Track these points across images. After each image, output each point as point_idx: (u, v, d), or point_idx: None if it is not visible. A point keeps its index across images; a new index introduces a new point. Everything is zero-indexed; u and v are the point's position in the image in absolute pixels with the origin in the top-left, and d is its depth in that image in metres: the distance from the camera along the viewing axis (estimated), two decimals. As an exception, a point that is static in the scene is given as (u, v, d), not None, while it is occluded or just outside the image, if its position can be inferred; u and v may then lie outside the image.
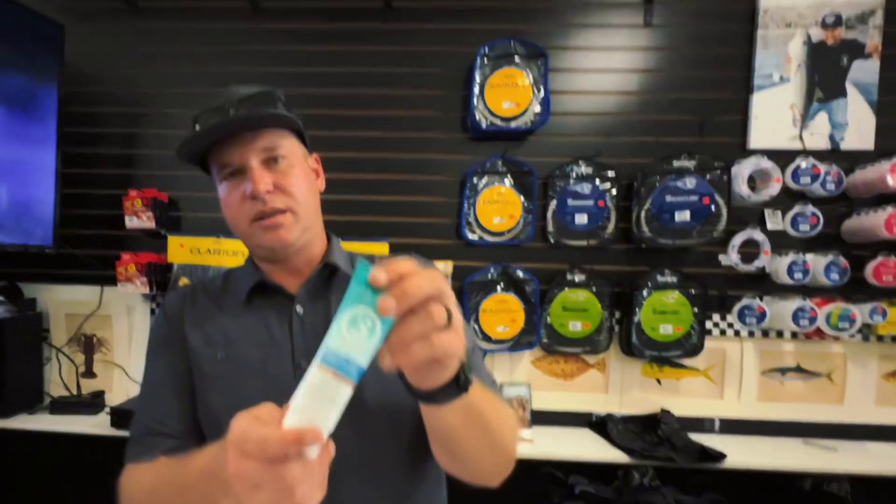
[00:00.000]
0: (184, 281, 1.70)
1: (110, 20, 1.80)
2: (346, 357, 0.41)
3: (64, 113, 1.68)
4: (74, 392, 1.75)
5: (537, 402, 1.74)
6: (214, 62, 1.78)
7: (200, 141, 0.70)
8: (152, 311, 1.81)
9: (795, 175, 1.59)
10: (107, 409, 1.68)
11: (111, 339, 1.81)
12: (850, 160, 1.66)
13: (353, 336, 0.41)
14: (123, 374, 1.79)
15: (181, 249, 1.68)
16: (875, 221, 1.56)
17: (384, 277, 0.42)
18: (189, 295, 0.80)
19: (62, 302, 1.81)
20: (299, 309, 0.75)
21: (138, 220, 1.67)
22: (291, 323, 0.74)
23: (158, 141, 1.80)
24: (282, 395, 0.67)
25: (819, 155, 1.64)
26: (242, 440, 0.41)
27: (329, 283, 0.78)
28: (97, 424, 1.57)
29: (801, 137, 1.68)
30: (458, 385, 0.50)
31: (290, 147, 0.73)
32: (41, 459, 1.79)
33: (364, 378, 0.67)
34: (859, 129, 1.67)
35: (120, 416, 1.52)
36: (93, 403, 1.68)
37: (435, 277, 0.43)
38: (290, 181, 0.71)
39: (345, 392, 0.42)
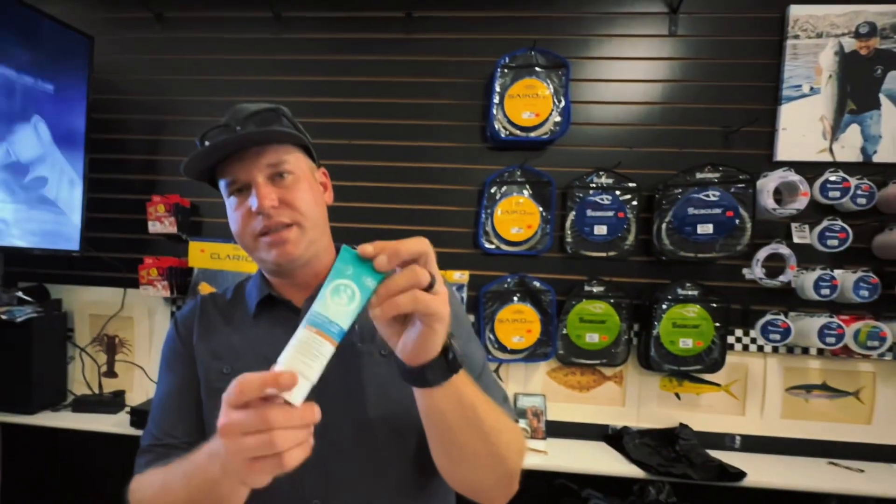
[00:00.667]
0: (203, 286, 1.72)
1: (137, 30, 1.84)
2: (328, 318, 0.47)
3: (91, 119, 1.72)
4: (96, 391, 1.80)
5: (552, 413, 1.72)
6: (237, 71, 1.80)
7: (207, 158, 0.71)
8: (172, 314, 1.83)
9: (824, 188, 1.55)
10: (127, 409, 1.71)
11: (132, 340, 1.85)
12: (883, 174, 1.60)
13: (336, 302, 0.48)
14: (143, 375, 1.82)
15: (202, 254, 1.70)
16: (908, 237, 1.51)
17: (371, 249, 0.48)
18: (200, 308, 0.81)
19: (87, 303, 1.85)
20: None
21: (161, 224, 1.70)
22: None
23: (182, 148, 1.84)
24: None
25: (850, 168, 1.59)
26: (229, 394, 0.46)
27: None
28: (117, 423, 1.61)
29: (830, 150, 1.64)
30: (447, 362, 0.53)
31: (295, 162, 0.73)
32: (63, 455, 1.83)
33: (369, 397, 0.68)
34: (894, 141, 1.61)
35: (139, 415, 1.56)
36: (114, 402, 1.72)
37: (420, 243, 0.49)
38: (295, 195, 0.71)
39: (327, 349, 0.47)
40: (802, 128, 1.64)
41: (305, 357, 0.47)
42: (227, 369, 0.73)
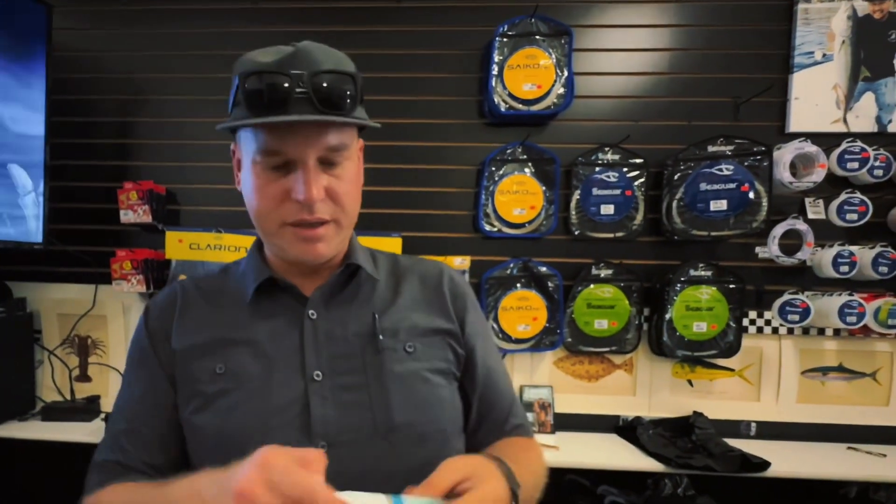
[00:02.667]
0: (183, 278, 1.59)
1: (100, 1, 1.70)
2: None
3: (52, 101, 1.57)
4: (68, 397, 1.68)
5: (560, 405, 1.63)
6: (213, 45, 1.67)
7: (255, 122, 0.56)
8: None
9: (842, 159, 1.48)
10: (102, 415, 1.61)
11: (106, 340, 1.72)
12: (899, 144, 1.54)
13: None
14: (119, 378, 1.68)
15: (180, 245, 1.58)
16: (928, 210, 1.44)
17: None
18: (179, 295, 0.69)
19: (54, 301, 1.71)
20: (312, 314, 0.65)
21: (134, 214, 1.57)
22: (303, 330, 0.64)
23: (154, 130, 1.70)
24: (287, 417, 0.59)
25: (865, 138, 1.52)
26: (279, 473, 0.42)
27: (349, 284, 0.68)
28: (92, 432, 1.48)
29: (844, 120, 1.56)
30: None
31: (352, 146, 0.63)
32: (33, 470, 1.70)
33: (394, 398, 0.63)
34: (909, 110, 1.55)
35: (115, 423, 1.43)
36: (87, 409, 1.60)
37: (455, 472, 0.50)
38: (343, 188, 0.60)
39: None
40: (815, 97, 1.57)
41: None
42: (221, 368, 0.62)
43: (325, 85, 0.56)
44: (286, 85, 0.55)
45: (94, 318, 1.69)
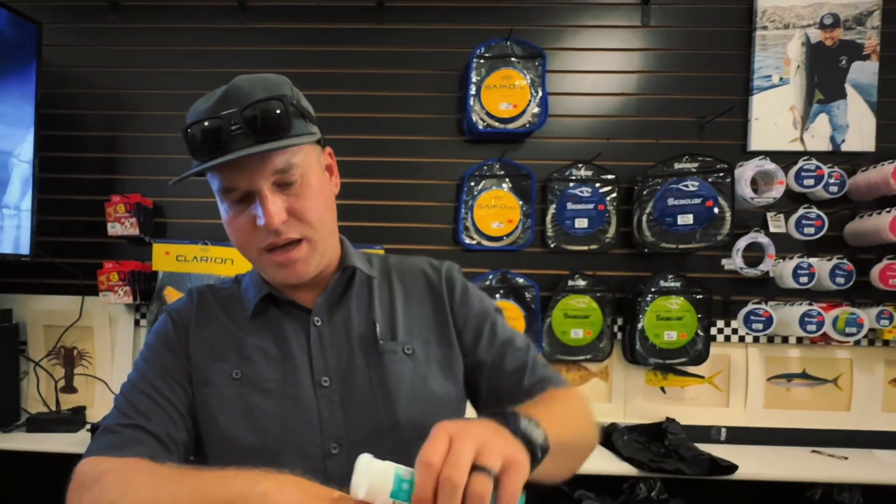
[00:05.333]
0: (169, 290, 1.63)
1: (90, 18, 1.74)
2: None
3: (41, 115, 1.61)
4: (53, 408, 1.68)
5: (538, 412, 1.67)
6: (199, 62, 1.73)
7: (201, 172, 0.61)
8: (136, 322, 1.73)
9: (799, 176, 1.56)
10: (88, 426, 1.60)
11: (92, 351, 1.73)
12: (852, 162, 1.64)
13: None
14: (106, 389, 1.70)
15: (167, 257, 1.62)
16: (880, 224, 1.53)
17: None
18: (197, 301, 0.73)
19: (40, 313, 1.72)
20: (317, 320, 0.69)
21: (121, 226, 1.60)
22: (309, 337, 0.68)
23: (142, 144, 1.74)
24: (301, 420, 0.64)
25: (820, 157, 1.61)
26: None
27: (348, 288, 0.72)
28: (77, 442, 1.49)
29: (801, 139, 1.66)
30: (537, 461, 0.48)
31: (304, 160, 0.62)
32: (17, 481, 1.69)
33: (398, 399, 0.65)
34: (860, 130, 1.65)
35: (100, 433, 1.44)
36: (73, 420, 1.60)
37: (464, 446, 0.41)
38: (304, 204, 0.62)
39: None
40: (774, 117, 1.66)
41: None
42: (238, 374, 0.66)
43: (255, 115, 0.58)
44: (220, 127, 0.58)
45: (80, 329, 1.70)
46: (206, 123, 0.59)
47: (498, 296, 1.66)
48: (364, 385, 0.65)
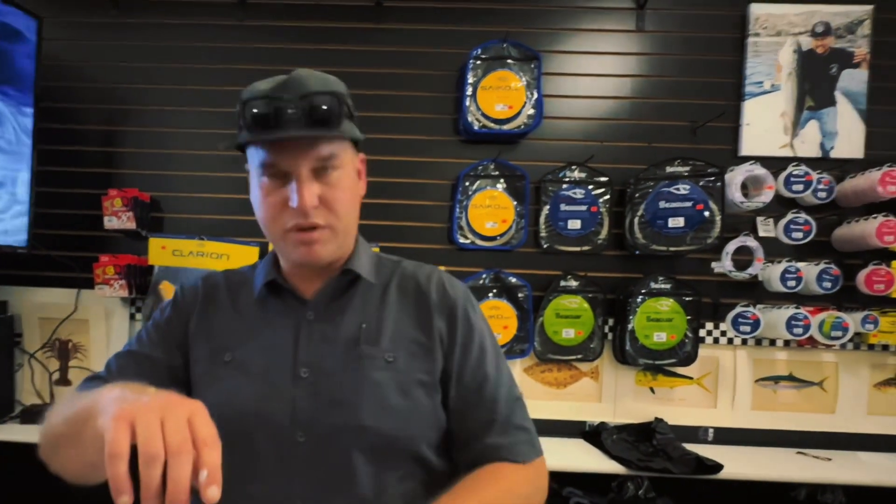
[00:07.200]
0: (165, 284, 1.64)
1: (90, 13, 1.75)
2: None
3: (40, 108, 1.62)
4: (48, 400, 1.69)
5: (530, 411, 1.69)
6: (198, 58, 1.73)
7: (250, 140, 0.65)
8: (132, 316, 1.74)
9: (788, 182, 1.59)
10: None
11: (88, 344, 1.74)
12: (840, 168, 1.66)
13: None
14: (99, 382, 1.71)
15: (163, 252, 1.63)
16: (866, 230, 1.56)
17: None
18: (202, 287, 0.78)
19: (36, 305, 1.73)
20: (310, 315, 0.71)
21: (118, 220, 1.61)
22: (299, 328, 0.70)
23: (140, 139, 1.75)
24: (276, 406, 0.67)
25: (809, 163, 1.63)
26: (174, 416, 0.42)
27: (349, 290, 0.74)
28: (70, 434, 1.49)
29: (791, 145, 1.69)
30: None
31: (344, 156, 0.67)
32: (11, 472, 1.70)
33: (366, 403, 0.66)
34: (849, 137, 1.68)
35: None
36: (66, 412, 1.60)
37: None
38: (336, 195, 0.66)
39: None
40: (765, 123, 1.69)
41: None
42: (229, 357, 0.70)
43: (312, 105, 0.63)
44: (279, 107, 0.62)
45: (75, 322, 1.71)
46: (266, 102, 0.63)
47: (491, 295, 1.67)
48: (338, 385, 0.66)
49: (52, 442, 0.59)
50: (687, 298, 1.65)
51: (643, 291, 1.65)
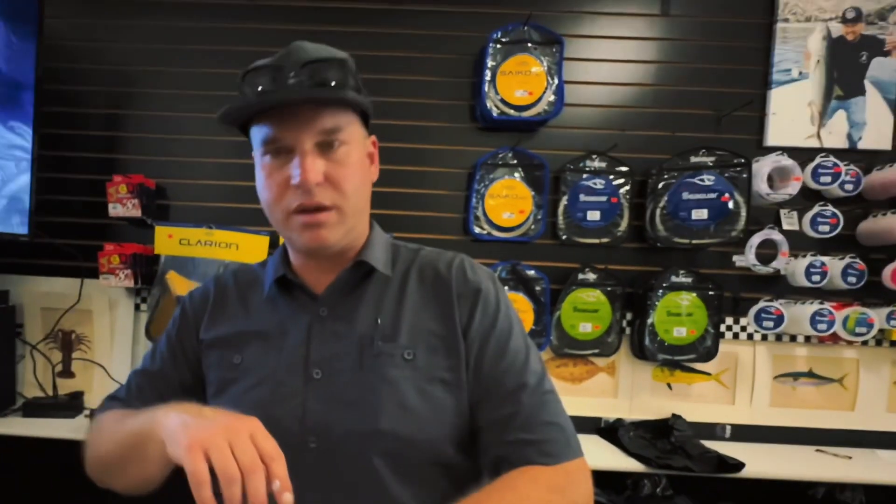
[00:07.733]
0: (172, 274, 1.59)
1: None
2: None
3: (41, 91, 1.55)
4: (50, 393, 1.64)
5: (544, 406, 1.66)
6: (207, 40, 1.67)
7: (246, 111, 0.61)
8: (137, 307, 1.69)
9: (816, 173, 1.54)
10: (86, 412, 1.58)
11: (91, 335, 1.70)
12: (868, 160, 1.62)
13: None
14: (104, 374, 1.67)
15: (169, 240, 1.58)
16: (893, 224, 1.52)
17: None
18: (212, 292, 0.75)
19: (38, 295, 1.68)
20: (323, 311, 0.67)
21: (123, 207, 1.55)
22: (311, 326, 0.66)
23: (146, 123, 1.69)
24: (287, 409, 0.62)
25: (836, 154, 1.59)
26: (241, 438, 0.46)
27: (363, 283, 0.68)
28: (75, 428, 1.46)
29: (818, 135, 1.64)
30: None
31: (351, 131, 0.63)
32: (13, 466, 1.66)
33: (384, 405, 0.61)
34: (878, 128, 1.63)
35: (100, 418, 1.42)
36: (70, 405, 1.57)
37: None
38: (343, 173, 0.61)
39: None
40: (791, 112, 1.64)
41: None
42: (239, 359, 0.67)
43: (314, 70, 0.60)
44: (278, 77, 0.60)
45: (79, 312, 1.66)
46: (264, 69, 0.61)
47: (507, 288, 1.63)
48: (353, 385, 0.62)
49: (105, 463, 0.63)
50: (709, 293, 1.61)
51: (664, 285, 1.61)
